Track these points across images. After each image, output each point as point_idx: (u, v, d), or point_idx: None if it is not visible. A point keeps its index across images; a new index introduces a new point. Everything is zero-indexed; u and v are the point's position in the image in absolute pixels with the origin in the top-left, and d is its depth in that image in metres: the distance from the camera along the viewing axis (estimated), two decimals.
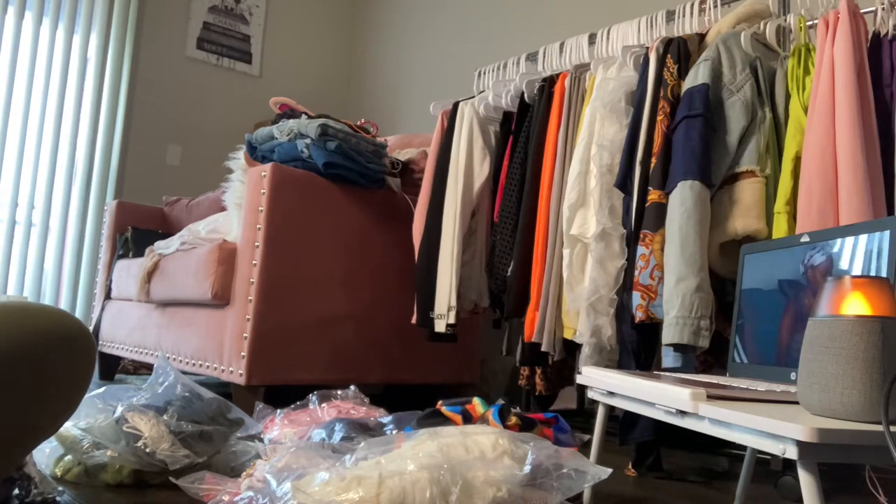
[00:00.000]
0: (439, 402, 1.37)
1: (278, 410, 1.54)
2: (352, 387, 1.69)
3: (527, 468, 0.78)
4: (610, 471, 0.82)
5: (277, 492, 0.79)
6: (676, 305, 1.34)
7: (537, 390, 1.97)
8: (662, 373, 1.14)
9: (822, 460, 0.61)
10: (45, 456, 1.13)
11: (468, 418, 1.32)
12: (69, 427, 1.11)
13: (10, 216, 3.33)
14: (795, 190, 1.35)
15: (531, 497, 0.76)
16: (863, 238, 0.90)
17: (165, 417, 1.14)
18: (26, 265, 3.37)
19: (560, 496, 0.77)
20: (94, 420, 1.10)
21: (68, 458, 1.12)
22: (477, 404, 1.35)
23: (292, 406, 1.56)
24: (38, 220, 3.41)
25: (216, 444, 1.17)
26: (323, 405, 1.57)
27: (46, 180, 3.45)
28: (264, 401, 1.81)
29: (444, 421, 1.31)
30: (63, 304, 3.46)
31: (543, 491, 0.77)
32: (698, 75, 1.45)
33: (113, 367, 2.73)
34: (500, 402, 1.36)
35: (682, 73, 1.53)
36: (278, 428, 1.44)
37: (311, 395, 1.59)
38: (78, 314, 3.45)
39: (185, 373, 3.17)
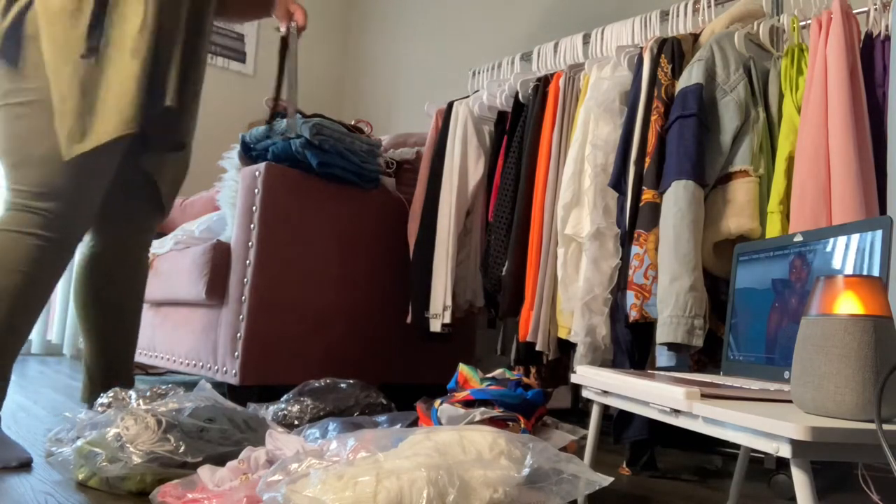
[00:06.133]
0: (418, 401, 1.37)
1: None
2: None
3: (525, 470, 0.78)
4: (611, 479, 0.82)
5: (273, 492, 0.78)
6: (670, 305, 1.35)
7: None
8: (656, 372, 1.15)
9: (816, 459, 0.62)
10: (67, 462, 1.12)
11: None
12: (81, 442, 1.11)
13: None
14: (789, 189, 1.35)
15: (528, 499, 0.77)
16: (855, 237, 0.90)
17: (184, 416, 1.14)
18: None
19: (558, 500, 0.77)
20: (99, 436, 1.10)
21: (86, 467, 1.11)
22: (468, 374, 1.35)
23: None
24: None
25: (213, 444, 1.17)
26: None
27: None
28: (258, 401, 1.80)
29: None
30: (57, 304, 3.45)
31: (541, 493, 0.77)
32: (692, 75, 1.46)
33: None
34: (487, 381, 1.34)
35: (676, 73, 1.53)
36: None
37: None
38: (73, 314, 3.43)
39: (177, 373, 3.16)
